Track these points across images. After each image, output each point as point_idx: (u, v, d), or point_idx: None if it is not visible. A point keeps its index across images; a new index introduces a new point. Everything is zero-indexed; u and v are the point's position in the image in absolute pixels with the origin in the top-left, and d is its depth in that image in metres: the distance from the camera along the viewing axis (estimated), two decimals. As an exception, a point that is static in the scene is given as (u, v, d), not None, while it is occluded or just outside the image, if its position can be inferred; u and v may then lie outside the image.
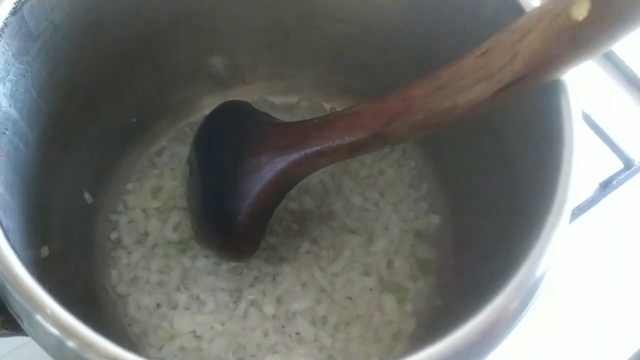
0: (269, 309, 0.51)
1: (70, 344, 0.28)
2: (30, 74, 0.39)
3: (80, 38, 0.44)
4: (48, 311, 0.29)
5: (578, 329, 0.54)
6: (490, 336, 0.29)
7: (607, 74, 0.65)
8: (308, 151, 0.41)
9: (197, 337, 0.50)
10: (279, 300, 0.52)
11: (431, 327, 0.51)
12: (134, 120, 0.56)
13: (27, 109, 0.40)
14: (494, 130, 0.44)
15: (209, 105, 0.55)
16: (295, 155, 0.42)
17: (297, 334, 0.50)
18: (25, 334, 0.33)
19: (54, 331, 0.28)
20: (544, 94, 0.33)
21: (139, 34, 0.49)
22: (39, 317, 0.29)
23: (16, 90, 0.38)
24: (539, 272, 0.30)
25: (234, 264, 0.52)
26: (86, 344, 0.28)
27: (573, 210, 0.56)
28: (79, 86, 0.46)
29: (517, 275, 0.30)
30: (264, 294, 0.52)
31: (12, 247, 0.32)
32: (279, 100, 0.60)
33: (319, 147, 0.41)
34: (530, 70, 0.30)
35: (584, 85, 0.62)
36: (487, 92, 0.33)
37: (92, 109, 0.50)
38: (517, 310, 0.30)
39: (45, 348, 0.31)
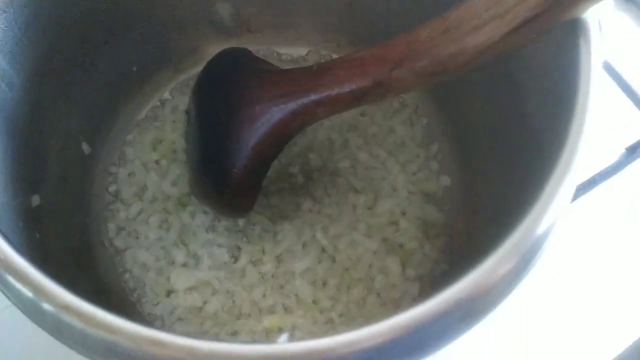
0: (268, 267, 0.49)
1: (27, 292, 0.26)
2: (11, 9, 0.37)
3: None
4: (1, 255, 0.27)
5: (598, 299, 0.51)
6: (487, 295, 0.27)
7: (638, 25, 0.60)
8: (306, 100, 0.38)
9: (194, 294, 0.49)
10: (278, 259, 0.50)
11: (436, 291, 0.48)
12: (134, 69, 0.54)
13: (10, 47, 0.38)
14: (511, 82, 0.41)
15: (212, 55, 0.52)
16: (292, 105, 0.39)
17: (296, 295, 0.49)
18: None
19: (26, 291, 0.26)
20: (563, 37, 0.30)
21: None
22: (9, 277, 0.27)
23: (-5, 26, 0.36)
24: (540, 230, 0.27)
25: (233, 220, 0.50)
26: (40, 291, 0.26)
27: (595, 175, 0.53)
28: (69, 27, 0.44)
29: (514, 234, 0.27)
30: (263, 252, 0.50)
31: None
32: (287, 51, 0.58)
33: (318, 97, 0.38)
34: (546, 7, 0.27)
35: (615, 40, 0.58)
36: (498, 33, 0.29)
37: (87, 54, 0.48)
38: (516, 269, 0.27)
39: (22, 310, 0.29)
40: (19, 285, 0.27)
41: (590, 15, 0.29)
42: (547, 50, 0.34)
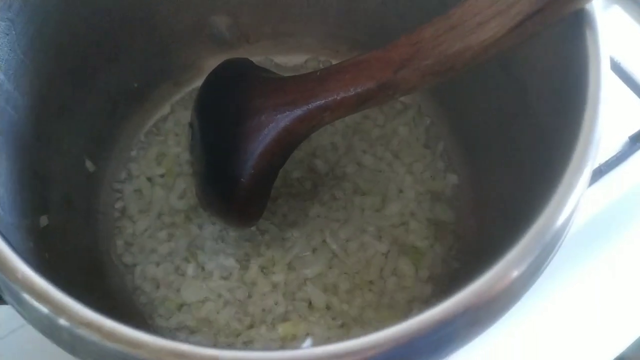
0: (279, 275, 0.49)
1: (44, 310, 0.26)
2: (14, 32, 0.37)
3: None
4: (19, 275, 0.26)
5: (601, 292, 0.50)
6: (505, 294, 0.27)
7: (634, 18, 0.60)
8: (311, 106, 0.38)
9: (206, 306, 0.49)
10: (289, 267, 0.50)
11: (448, 292, 0.48)
12: (135, 85, 0.54)
13: (13, 70, 0.38)
14: (515, 78, 0.41)
15: (212, 68, 0.52)
16: (297, 112, 0.39)
17: (309, 301, 0.48)
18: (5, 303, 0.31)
19: (26, 296, 0.26)
20: (568, 30, 0.30)
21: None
22: (11, 283, 0.27)
23: (-1, 49, 0.36)
24: (556, 227, 0.27)
25: (241, 229, 0.50)
26: (59, 309, 0.26)
27: (600, 166, 0.53)
28: (70, 46, 0.44)
29: (531, 230, 0.27)
30: (273, 260, 0.50)
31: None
32: (286, 60, 0.58)
33: (323, 101, 0.38)
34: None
35: (611, 30, 0.58)
36: (503, 28, 0.29)
37: (88, 71, 0.48)
38: (534, 265, 0.27)
39: (23, 317, 0.29)
40: (36, 304, 0.27)
41: (595, 6, 0.29)
42: (549, 43, 0.34)
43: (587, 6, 0.29)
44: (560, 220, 0.27)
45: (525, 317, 0.48)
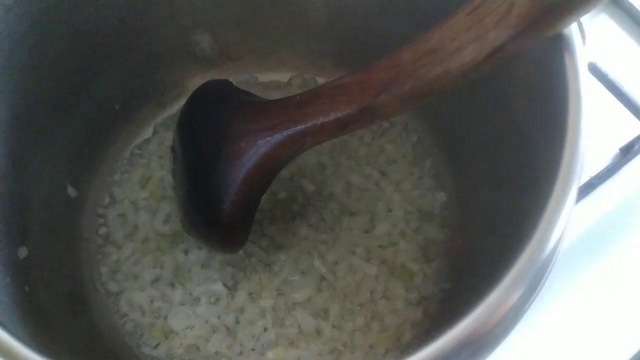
0: (267, 300, 0.48)
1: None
2: (-18, 59, 0.36)
3: (38, 19, 0.40)
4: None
5: (596, 305, 0.50)
6: (504, 320, 0.26)
7: (622, 28, 0.59)
8: (292, 131, 0.37)
9: (194, 333, 0.48)
10: (277, 291, 0.49)
11: (440, 314, 0.47)
12: (117, 107, 0.53)
13: (-17, 100, 0.37)
14: (497, 97, 0.40)
15: (195, 87, 0.50)
16: (278, 137, 0.38)
17: (299, 326, 0.47)
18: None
19: None
20: (547, 53, 0.29)
21: (111, 13, 0.46)
22: None
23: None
24: (545, 252, 0.26)
25: (227, 255, 0.49)
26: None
27: (591, 179, 0.52)
28: (45, 71, 0.43)
29: (518, 263, 0.26)
30: (261, 285, 0.49)
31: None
32: (270, 77, 0.57)
33: (303, 126, 0.37)
34: (527, 25, 0.26)
35: (599, 41, 0.57)
36: (481, 54, 0.28)
37: (66, 96, 0.47)
38: (529, 288, 0.26)
39: None
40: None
41: (573, 27, 0.28)
42: (531, 59, 0.33)
43: (565, 30, 0.28)
44: (550, 243, 0.26)
45: (523, 331, 0.48)
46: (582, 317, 0.49)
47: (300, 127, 0.37)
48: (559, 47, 0.28)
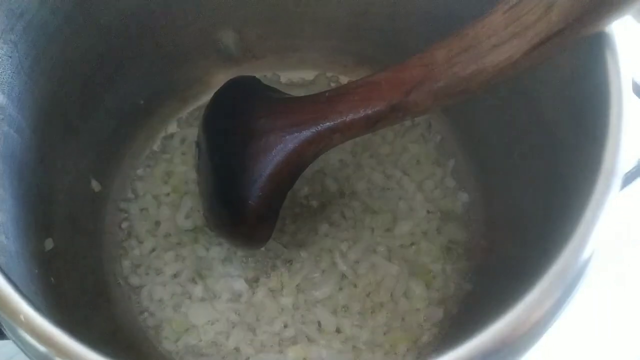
0: (288, 297, 0.48)
1: (45, 350, 0.25)
2: (17, 54, 0.36)
3: (71, 14, 0.40)
4: (22, 317, 0.26)
5: (626, 313, 0.49)
6: (525, 335, 0.25)
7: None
8: (320, 128, 0.37)
9: (214, 328, 0.48)
10: (298, 288, 0.49)
11: (461, 314, 0.47)
12: (141, 102, 0.53)
13: (17, 92, 0.37)
14: (526, 96, 0.40)
15: (219, 83, 0.51)
16: (306, 133, 0.38)
17: (319, 324, 0.47)
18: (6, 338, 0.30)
19: (29, 338, 0.25)
20: (585, 50, 0.29)
21: (138, 10, 0.46)
22: (13, 324, 0.26)
23: (2, 72, 0.35)
24: (584, 256, 0.26)
25: (249, 250, 0.49)
26: (60, 351, 0.25)
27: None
28: (75, 66, 0.43)
29: (556, 263, 0.25)
30: (282, 282, 0.49)
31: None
32: (293, 75, 0.57)
33: (332, 123, 0.37)
34: (569, 22, 0.26)
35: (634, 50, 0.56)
36: (519, 51, 0.28)
37: (93, 90, 0.47)
38: (557, 303, 0.26)
39: (24, 352, 0.28)
40: (38, 345, 0.26)
41: (616, 27, 0.28)
42: (565, 60, 0.33)
43: (607, 28, 0.28)
44: (584, 256, 0.26)
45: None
46: (594, 320, 0.49)
47: (329, 123, 0.37)
48: (599, 42, 0.28)
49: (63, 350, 0.25)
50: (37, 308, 0.26)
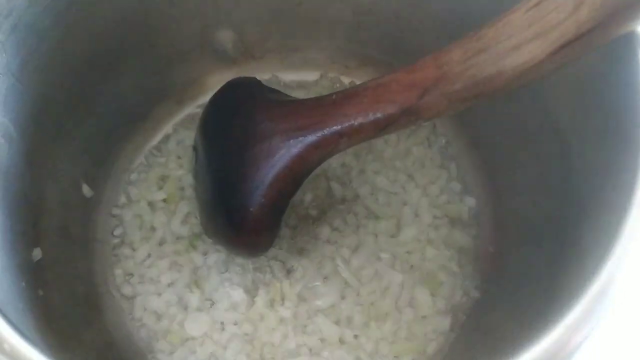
0: (288, 306, 0.46)
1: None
2: (4, 54, 0.34)
3: (62, 13, 0.38)
4: (6, 346, 0.23)
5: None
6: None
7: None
8: (326, 132, 0.36)
9: (211, 340, 0.46)
10: (299, 297, 0.47)
11: (469, 323, 0.45)
12: (135, 104, 0.51)
13: (4, 94, 0.35)
14: (538, 101, 0.39)
15: (216, 85, 0.49)
16: (311, 138, 0.36)
17: (321, 334, 0.46)
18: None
19: None
20: (613, 52, 0.27)
21: (131, 8, 0.44)
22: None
23: (-12, 73, 0.33)
24: (622, 273, 0.24)
25: (247, 258, 0.47)
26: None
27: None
28: (66, 67, 0.41)
29: (597, 280, 0.24)
30: (282, 291, 0.47)
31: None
32: (293, 76, 0.55)
33: (339, 127, 0.35)
34: (600, 21, 0.24)
35: None
36: (542, 52, 0.27)
37: (85, 92, 0.45)
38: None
39: None
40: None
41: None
42: (588, 63, 0.31)
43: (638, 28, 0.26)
44: (622, 273, 0.24)
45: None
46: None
47: (336, 127, 0.35)
48: (631, 46, 0.26)
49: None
50: (23, 334, 0.24)
